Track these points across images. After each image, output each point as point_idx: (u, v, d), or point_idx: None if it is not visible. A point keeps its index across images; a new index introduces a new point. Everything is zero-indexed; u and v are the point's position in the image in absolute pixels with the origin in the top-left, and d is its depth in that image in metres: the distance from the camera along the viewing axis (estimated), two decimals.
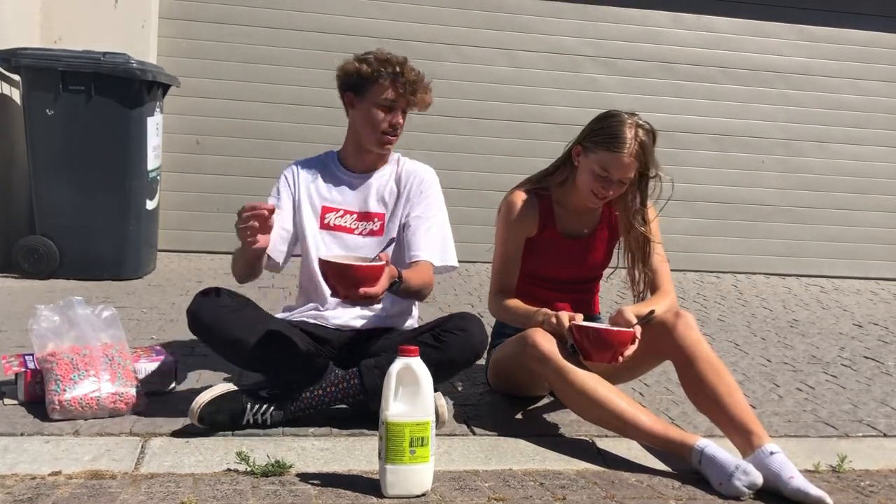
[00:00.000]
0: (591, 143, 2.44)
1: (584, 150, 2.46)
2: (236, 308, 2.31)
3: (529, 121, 5.56)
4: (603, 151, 2.39)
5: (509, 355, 2.47)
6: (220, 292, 2.33)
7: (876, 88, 6.02)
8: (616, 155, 2.37)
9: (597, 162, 2.41)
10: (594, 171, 2.42)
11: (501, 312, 2.58)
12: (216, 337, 2.26)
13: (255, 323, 2.29)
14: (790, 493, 1.94)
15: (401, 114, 2.48)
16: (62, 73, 4.10)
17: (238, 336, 2.24)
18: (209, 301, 2.29)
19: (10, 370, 2.36)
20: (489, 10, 5.57)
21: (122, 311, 2.51)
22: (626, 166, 2.39)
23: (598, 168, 2.41)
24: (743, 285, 5.44)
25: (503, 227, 2.58)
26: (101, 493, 1.81)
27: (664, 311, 2.37)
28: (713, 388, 2.18)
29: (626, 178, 2.42)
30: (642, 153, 2.39)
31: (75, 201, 4.20)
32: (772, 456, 2.02)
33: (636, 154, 2.38)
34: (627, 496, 1.95)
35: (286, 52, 5.35)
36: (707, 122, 5.85)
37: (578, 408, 2.29)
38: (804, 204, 6.00)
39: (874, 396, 2.93)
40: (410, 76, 2.42)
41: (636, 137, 2.38)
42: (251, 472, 1.95)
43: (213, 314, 2.25)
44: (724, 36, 5.85)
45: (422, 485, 1.87)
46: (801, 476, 1.97)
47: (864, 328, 4.22)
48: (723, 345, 3.62)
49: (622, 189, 2.45)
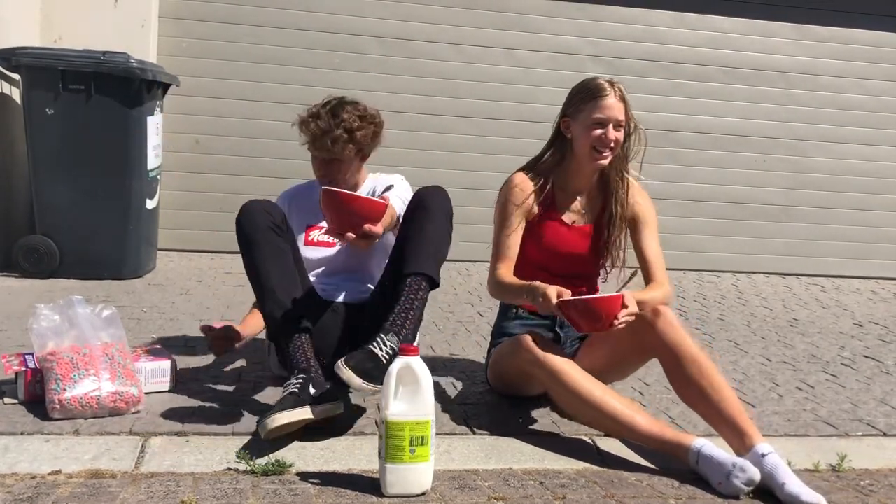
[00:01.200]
0: (575, 107, 2.50)
1: (572, 116, 2.51)
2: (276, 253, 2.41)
3: (531, 120, 5.54)
4: (588, 102, 2.46)
5: (506, 356, 2.47)
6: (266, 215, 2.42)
7: (878, 88, 6.01)
8: (603, 99, 2.44)
9: (586, 114, 2.46)
10: (588, 126, 2.46)
11: (498, 288, 2.54)
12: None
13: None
14: (784, 498, 1.94)
15: (333, 166, 2.63)
16: (62, 72, 4.10)
17: (272, 286, 2.35)
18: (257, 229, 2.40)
19: (10, 369, 2.36)
20: (491, 9, 5.56)
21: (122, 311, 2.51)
22: (615, 107, 2.45)
23: (591, 121, 2.45)
24: (743, 284, 5.44)
25: (502, 205, 2.57)
26: (102, 493, 1.81)
27: (658, 301, 2.37)
28: (699, 386, 2.18)
29: (619, 121, 2.46)
30: (624, 95, 2.47)
31: (75, 200, 4.21)
32: (764, 458, 2.01)
33: (620, 96, 2.46)
34: (627, 495, 1.95)
35: (286, 51, 5.35)
36: (709, 122, 5.85)
37: (574, 410, 2.31)
38: (805, 203, 6.00)
39: (874, 396, 2.93)
40: (317, 135, 2.57)
41: (613, 85, 2.47)
42: (251, 471, 1.95)
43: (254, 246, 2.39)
44: (727, 35, 5.84)
45: (422, 484, 1.87)
46: (795, 478, 1.96)
47: (864, 327, 4.22)
48: (723, 344, 3.63)
49: (620, 136, 2.48)
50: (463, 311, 4.01)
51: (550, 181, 2.56)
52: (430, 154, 5.50)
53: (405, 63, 5.48)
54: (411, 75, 5.49)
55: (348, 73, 5.38)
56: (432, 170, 5.40)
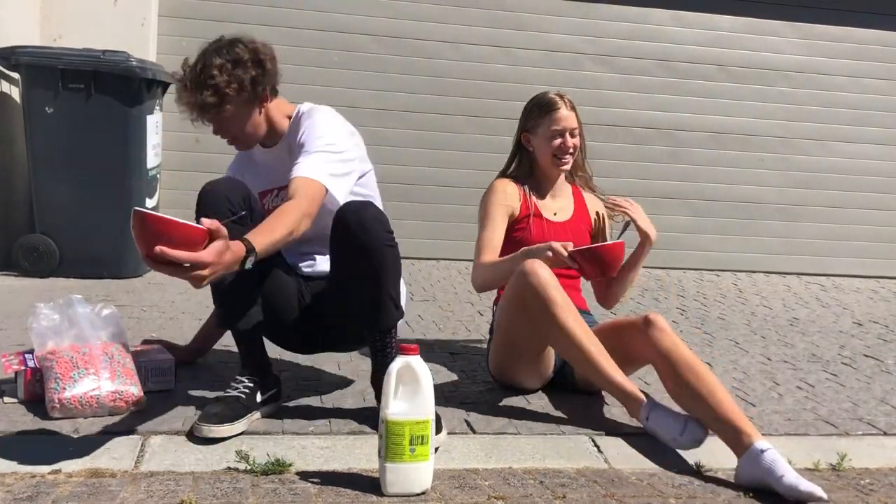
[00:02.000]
0: (532, 122, 2.76)
1: (531, 131, 2.77)
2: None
3: None
4: (545, 116, 2.72)
5: (509, 299, 2.47)
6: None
7: (877, 86, 6.01)
8: (555, 111, 2.71)
9: (544, 127, 2.72)
10: (546, 137, 2.72)
11: (486, 271, 2.62)
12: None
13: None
14: (783, 491, 1.95)
15: (222, 125, 2.32)
16: (62, 71, 4.09)
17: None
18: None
19: (9, 368, 2.36)
20: (489, 7, 5.56)
21: (121, 310, 2.51)
22: (568, 117, 2.71)
23: (547, 131, 2.71)
24: (743, 283, 5.44)
25: (485, 206, 2.75)
26: (101, 492, 1.81)
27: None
28: (695, 390, 2.20)
29: (574, 128, 2.72)
30: (573, 106, 2.74)
31: (75, 199, 4.20)
32: (762, 454, 2.02)
33: (571, 106, 2.73)
34: (627, 494, 1.95)
35: (285, 49, 5.27)
36: (707, 121, 5.85)
37: (554, 340, 2.40)
38: (804, 202, 6.00)
39: (874, 395, 2.93)
40: (191, 110, 2.25)
41: (563, 97, 2.74)
42: (251, 470, 1.95)
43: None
44: (725, 34, 5.84)
45: (422, 483, 1.87)
46: (792, 471, 1.97)
47: (865, 326, 4.22)
48: (723, 343, 3.62)
49: (577, 141, 2.74)
50: (463, 310, 4.01)
51: (525, 186, 2.79)
52: (427, 152, 5.50)
53: (403, 61, 5.47)
54: (409, 73, 5.48)
55: (346, 71, 5.38)
56: (429, 168, 5.41)
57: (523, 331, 2.47)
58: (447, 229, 5.41)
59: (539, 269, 2.34)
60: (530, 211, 2.74)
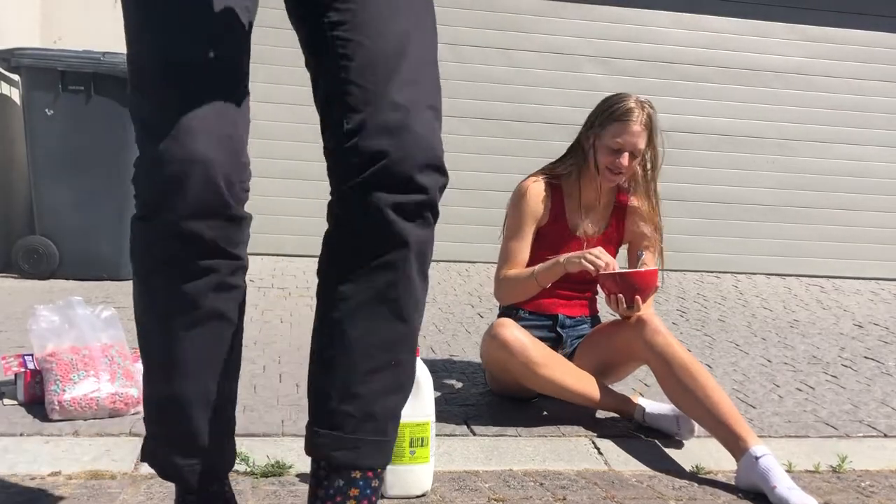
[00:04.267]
0: (601, 123, 2.52)
1: (595, 132, 2.53)
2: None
3: (527, 121, 5.56)
4: (615, 124, 2.48)
5: (489, 363, 2.54)
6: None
7: (875, 88, 6.02)
8: (626, 123, 2.47)
9: (608, 136, 2.48)
10: (608, 147, 2.49)
11: (509, 284, 2.53)
12: None
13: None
14: (774, 501, 1.93)
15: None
16: (62, 72, 4.09)
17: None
18: None
19: (9, 370, 2.36)
20: (486, 9, 5.56)
21: (121, 312, 2.50)
22: (637, 134, 2.47)
23: (611, 141, 2.48)
24: (743, 285, 5.44)
25: (514, 211, 2.57)
26: (101, 494, 1.81)
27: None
28: (691, 391, 2.19)
29: (637, 149, 2.49)
30: (650, 123, 2.51)
31: (75, 201, 4.20)
32: (758, 461, 2.00)
33: (645, 123, 2.49)
34: (627, 496, 1.95)
35: (284, 51, 5.32)
36: (706, 122, 5.85)
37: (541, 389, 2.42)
38: (804, 204, 6.00)
39: (874, 397, 2.93)
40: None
41: (643, 109, 2.50)
42: (251, 472, 1.95)
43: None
44: (723, 36, 5.85)
45: (421, 485, 1.87)
46: (786, 480, 1.95)
47: (865, 328, 4.21)
48: (723, 345, 3.62)
49: (634, 163, 2.52)
50: (463, 312, 4.01)
51: (561, 189, 2.58)
52: None
53: None
54: None
55: None
56: None
57: (511, 384, 2.52)
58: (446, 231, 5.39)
59: (506, 332, 2.35)
60: (556, 220, 2.57)
